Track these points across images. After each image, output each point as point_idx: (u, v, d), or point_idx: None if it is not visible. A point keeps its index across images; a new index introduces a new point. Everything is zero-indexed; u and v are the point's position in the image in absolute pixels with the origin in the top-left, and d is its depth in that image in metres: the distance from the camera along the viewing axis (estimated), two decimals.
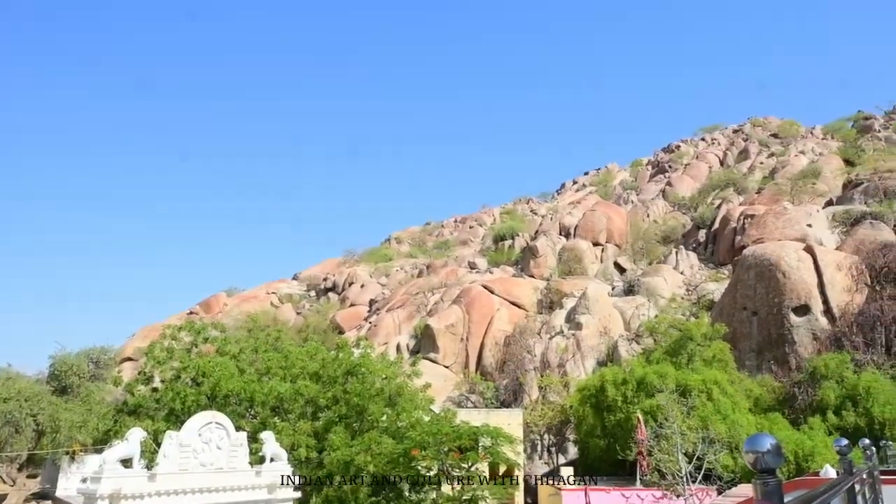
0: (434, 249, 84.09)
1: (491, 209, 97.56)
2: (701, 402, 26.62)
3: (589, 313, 44.15)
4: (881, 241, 39.30)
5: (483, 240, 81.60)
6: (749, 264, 38.27)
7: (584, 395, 30.84)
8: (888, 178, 54.66)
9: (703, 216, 64.48)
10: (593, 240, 64.30)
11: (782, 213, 49.97)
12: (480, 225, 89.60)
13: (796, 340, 33.82)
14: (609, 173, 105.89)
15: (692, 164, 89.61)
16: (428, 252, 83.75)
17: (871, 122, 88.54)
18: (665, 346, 34.13)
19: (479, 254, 74.10)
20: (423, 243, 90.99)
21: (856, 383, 26.75)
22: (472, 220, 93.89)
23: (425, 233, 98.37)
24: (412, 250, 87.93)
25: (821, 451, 23.57)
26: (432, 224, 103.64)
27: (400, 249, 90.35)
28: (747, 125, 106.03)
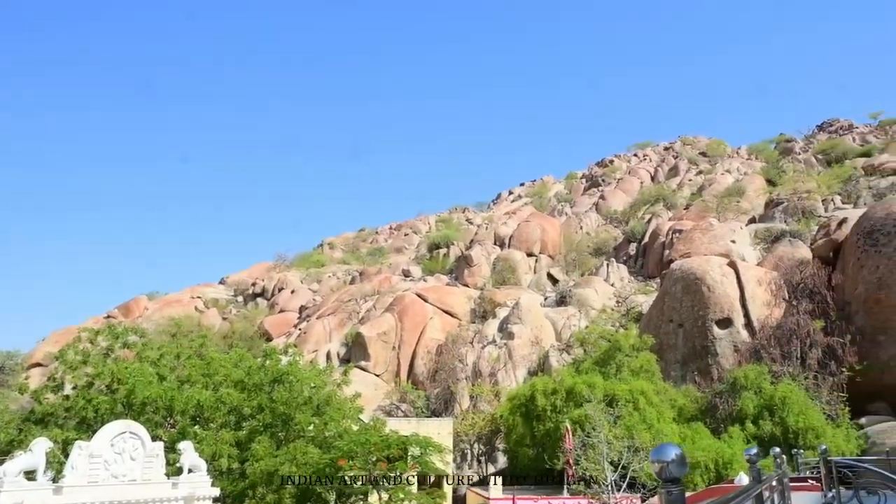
0: (368, 256, 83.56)
1: (427, 217, 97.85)
2: (627, 412, 27.44)
3: (521, 323, 44.83)
4: (798, 258, 41.63)
5: (418, 248, 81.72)
6: (676, 278, 39.77)
7: (514, 405, 31.24)
8: (806, 198, 58.10)
9: (634, 230, 66.67)
10: (527, 250, 65.41)
11: (708, 228, 52.23)
12: (416, 233, 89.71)
13: (719, 352, 35.36)
14: (544, 185, 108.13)
15: (625, 178, 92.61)
16: (362, 259, 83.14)
17: (792, 144, 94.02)
18: (594, 357, 35.01)
19: (413, 262, 74.13)
20: (357, 249, 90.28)
21: (773, 394, 28.18)
22: (407, 227, 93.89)
23: (359, 239, 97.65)
24: (345, 256, 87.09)
25: (739, 459, 24.67)
26: (367, 230, 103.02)
27: (333, 255, 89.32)
28: (678, 143, 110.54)
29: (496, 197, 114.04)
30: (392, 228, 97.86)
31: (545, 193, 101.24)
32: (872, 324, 32.66)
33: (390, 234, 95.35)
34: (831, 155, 79.23)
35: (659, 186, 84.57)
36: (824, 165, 76.88)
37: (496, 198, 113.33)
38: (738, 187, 70.48)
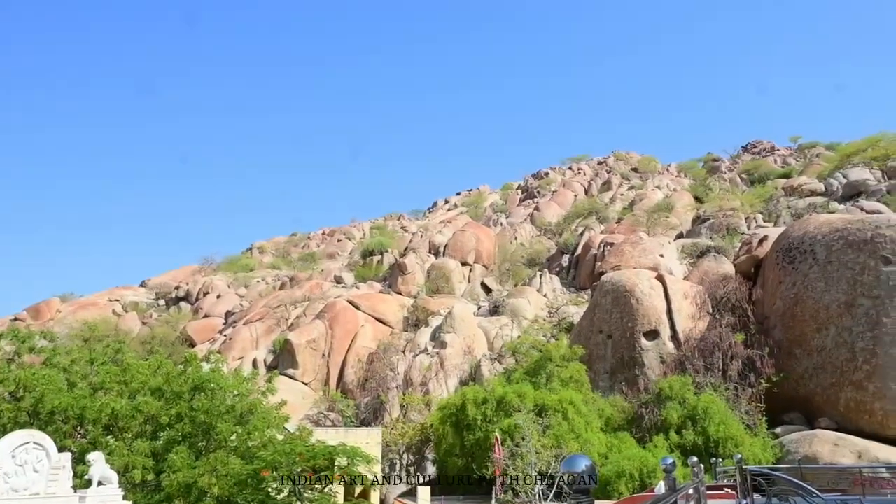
0: (299, 261, 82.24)
1: (361, 223, 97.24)
2: (557, 422, 27.92)
3: (454, 332, 45.02)
4: (722, 273, 43.50)
5: (351, 254, 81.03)
6: (607, 290, 40.84)
7: (444, 414, 31.28)
8: (731, 215, 60.92)
9: (567, 242, 68.18)
10: (462, 259, 65.87)
11: (638, 242, 53.96)
12: (349, 239, 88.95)
13: (646, 363, 36.49)
14: (481, 195, 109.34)
15: (559, 191, 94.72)
16: (292, 264, 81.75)
17: (719, 163, 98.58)
18: (526, 367, 35.50)
19: (346, 268, 73.41)
20: (288, 254, 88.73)
21: (696, 404, 29.26)
22: (340, 233, 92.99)
23: (291, 244, 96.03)
24: (275, 261, 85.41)
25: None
26: (299, 235, 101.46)
27: (263, 260, 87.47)
28: (611, 158, 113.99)
29: (432, 205, 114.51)
30: (325, 234, 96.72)
31: (481, 203, 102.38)
32: (789, 337, 34.44)
33: (323, 239, 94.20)
34: (754, 175, 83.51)
35: (592, 200, 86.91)
36: (748, 185, 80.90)
37: (432, 206, 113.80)
38: (667, 203, 73.20)
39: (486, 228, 76.78)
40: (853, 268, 32.63)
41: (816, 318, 33.25)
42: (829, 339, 32.22)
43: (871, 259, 32.14)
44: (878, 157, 66.48)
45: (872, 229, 33.14)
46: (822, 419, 30.97)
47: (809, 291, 34.16)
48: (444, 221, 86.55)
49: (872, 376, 29.76)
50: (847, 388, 30.56)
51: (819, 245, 34.92)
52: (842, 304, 32.30)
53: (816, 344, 32.77)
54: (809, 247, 35.52)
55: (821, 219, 39.24)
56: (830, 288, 33.14)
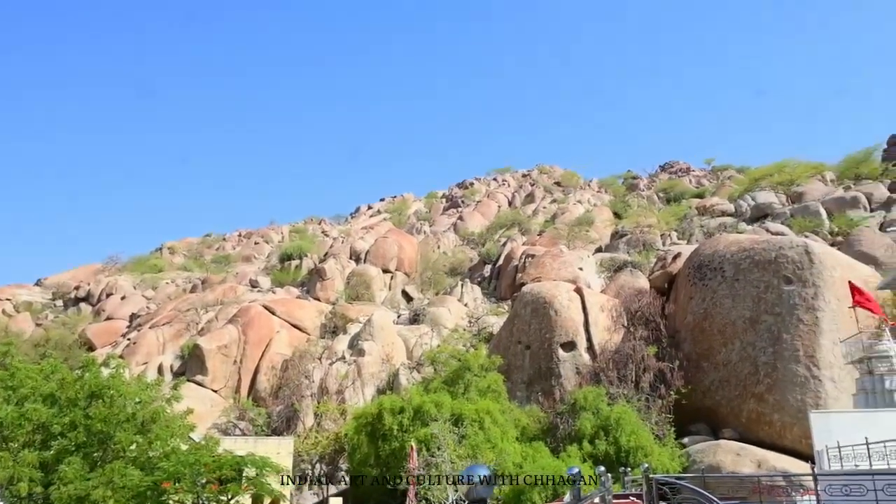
0: (213, 264, 79.63)
1: (280, 226, 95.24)
2: (473, 431, 28.15)
3: (373, 340, 44.71)
4: (637, 287, 45.21)
5: (268, 257, 79.16)
6: (526, 301, 41.65)
7: (360, 423, 30.96)
8: (647, 232, 63.45)
9: (490, 252, 69.13)
10: (383, 266, 65.60)
11: (559, 255, 55.36)
12: (267, 242, 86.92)
13: (562, 374, 37.40)
14: (405, 202, 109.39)
15: (483, 201, 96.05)
16: (205, 266, 79.05)
17: (638, 181, 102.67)
18: (444, 376, 35.66)
19: (262, 272, 71.61)
20: (201, 256, 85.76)
21: (608, 414, 30.18)
22: (258, 235, 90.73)
23: (204, 245, 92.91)
24: (187, 263, 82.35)
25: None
26: (213, 236, 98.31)
27: (173, 260, 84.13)
28: (535, 171, 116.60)
29: (355, 211, 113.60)
30: (241, 236, 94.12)
31: (405, 211, 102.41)
32: (697, 351, 36.14)
33: (239, 241, 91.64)
34: (671, 194, 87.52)
35: (515, 211, 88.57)
36: (664, 203, 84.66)
37: (355, 211, 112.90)
38: (587, 217, 75.54)
39: (409, 236, 76.83)
40: (758, 286, 34.63)
41: (723, 332, 35.06)
42: (735, 354, 34.02)
43: (774, 278, 34.20)
44: (783, 182, 71.14)
45: (776, 250, 35.30)
46: (725, 430, 32.60)
47: (717, 307, 36.00)
48: (366, 227, 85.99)
49: (773, 389, 31.59)
50: (749, 400, 32.31)
51: (728, 263, 36.87)
52: (747, 319, 34.19)
53: (723, 357, 34.53)
54: (719, 265, 37.45)
55: (730, 238, 41.48)
56: (737, 304, 35.04)
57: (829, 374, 30.74)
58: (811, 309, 32.50)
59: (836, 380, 30.49)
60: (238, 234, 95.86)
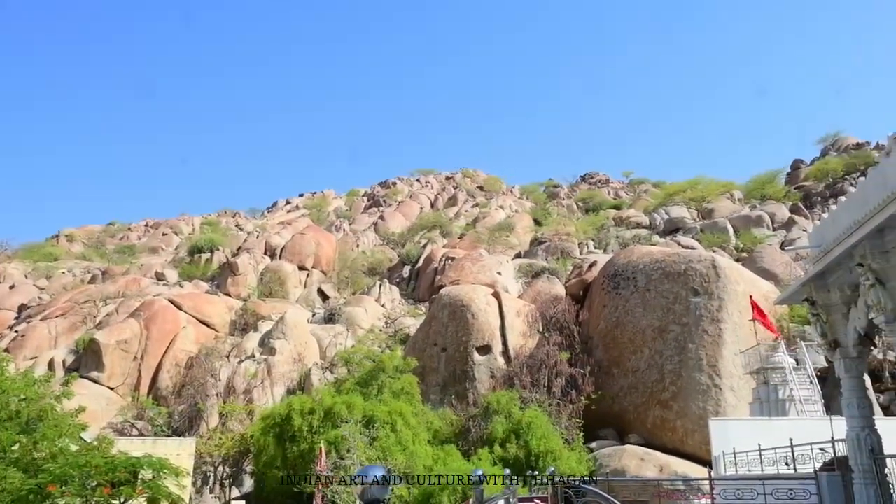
0: (115, 254, 75.88)
1: (190, 217, 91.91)
2: (385, 434, 28.02)
3: (285, 339, 43.77)
4: (554, 294, 46.33)
5: (177, 250, 76.21)
6: (444, 303, 41.90)
7: (267, 424, 30.23)
8: (566, 240, 65.14)
9: (410, 253, 69.11)
10: (300, 263, 64.40)
11: (478, 259, 56.01)
12: (176, 233, 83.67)
13: (477, 377, 37.82)
14: (325, 198, 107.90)
15: (406, 202, 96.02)
16: (107, 256, 75.24)
17: (559, 190, 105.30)
18: (357, 377, 35.35)
19: (169, 265, 68.81)
20: (103, 245, 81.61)
21: (520, 418, 30.74)
22: (166, 226, 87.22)
23: (107, 234, 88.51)
24: (87, 252, 78.14)
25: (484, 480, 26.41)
26: (117, 225, 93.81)
27: (71, 249, 79.65)
28: (459, 174, 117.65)
29: (272, 205, 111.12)
30: (148, 226, 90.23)
31: (325, 207, 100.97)
32: (608, 358, 37.39)
33: (146, 231, 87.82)
34: (590, 203, 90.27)
35: (437, 214, 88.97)
36: (583, 212, 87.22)
37: (272, 205, 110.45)
38: (508, 223, 76.81)
39: (328, 233, 75.78)
40: (667, 296, 36.21)
41: (633, 340, 36.43)
42: (643, 361, 35.40)
43: (682, 290, 35.85)
44: (695, 198, 74.86)
45: (686, 263, 37.04)
46: (632, 435, 33.85)
47: (629, 316, 37.37)
48: (283, 223, 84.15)
49: (677, 397, 33.07)
50: (655, 407, 33.70)
51: (640, 274, 38.37)
52: (656, 329, 35.67)
53: (632, 365, 35.87)
54: (632, 274, 38.91)
55: (643, 250, 43.18)
56: (647, 314, 36.50)
57: (730, 384, 32.46)
58: (715, 321, 34.26)
59: (735, 389, 32.23)
60: (145, 223, 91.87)
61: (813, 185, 73.11)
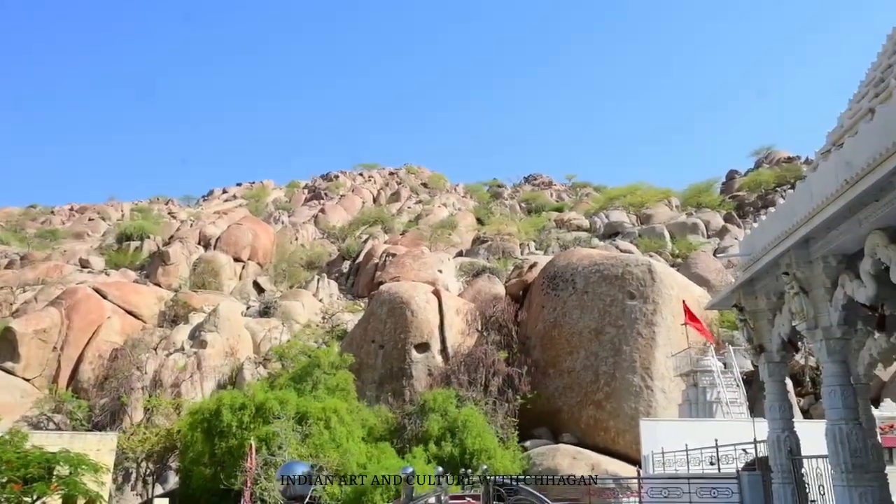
0: (36, 238, 72.55)
1: (120, 203, 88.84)
2: (318, 430, 27.78)
3: (217, 331, 42.80)
4: (494, 293, 46.81)
5: (104, 236, 73.46)
6: (384, 299, 41.81)
7: (196, 419, 29.51)
8: (507, 240, 65.87)
9: (350, 248, 68.61)
10: (235, 255, 63.08)
11: (420, 256, 56.07)
12: (104, 219, 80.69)
13: (414, 375, 37.91)
14: (264, 189, 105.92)
15: (348, 196, 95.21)
16: (27, 240, 71.86)
17: (502, 190, 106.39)
18: (292, 372, 34.91)
19: (95, 251, 66.27)
20: (22, 229, 77.91)
21: (456, 416, 30.98)
22: (93, 211, 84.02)
23: (27, 217, 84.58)
24: (3, 235, 74.43)
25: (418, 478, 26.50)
26: (39, 208, 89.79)
27: None
28: (403, 170, 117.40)
29: (208, 193, 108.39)
30: (73, 210, 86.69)
31: (263, 198, 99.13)
32: (545, 358, 38.06)
33: (70, 216, 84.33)
34: (532, 205, 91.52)
35: (380, 209, 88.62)
36: (526, 213, 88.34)
37: (208, 194, 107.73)
38: (451, 221, 77.17)
39: (266, 225, 74.45)
40: (605, 299, 37.12)
41: (570, 341, 37.21)
42: (579, 362, 36.20)
43: (619, 293, 36.82)
44: (635, 204, 76.91)
45: (623, 266, 38.04)
46: (565, 434, 34.59)
47: (567, 317, 38.15)
48: (219, 212, 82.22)
49: (610, 397, 33.96)
50: (589, 407, 34.52)
51: (579, 276, 39.21)
52: (592, 330, 36.53)
53: (568, 365, 36.63)
54: (571, 276, 39.72)
55: (583, 252, 44.13)
56: (584, 315, 37.33)
57: (661, 385, 33.55)
58: (650, 324, 35.33)
59: (666, 391, 33.33)
60: (70, 207, 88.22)
61: (746, 195, 76.13)
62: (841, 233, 11.25)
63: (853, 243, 11.21)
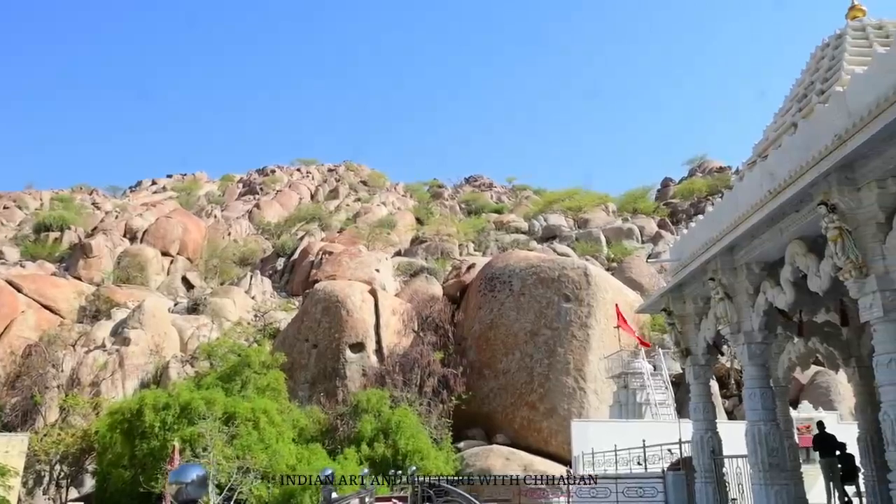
0: None
1: (39, 192, 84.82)
2: (246, 431, 27.27)
3: (141, 328, 41.40)
4: (431, 293, 46.95)
5: (20, 226, 69.96)
6: (319, 298, 41.36)
7: (115, 420, 28.48)
8: (447, 240, 66.18)
9: (285, 245, 67.52)
10: (163, 249, 61.13)
11: (357, 254, 55.69)
12: (20, 207, 76.85)
13: (348, 375, 37.65)
14: (196, 182, 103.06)
15: (284, 191, 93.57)
16: None
17: (443, 190, 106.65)
18: (220, 371, 34.13)
19: (10, 242, 63.06)
20: None
21: (390, 417, 30.95)
22: (8, 198, 79.90)
23: None
24: None
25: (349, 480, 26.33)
26: None
27: None
28: (342, 167, 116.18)
29: (136, 184, 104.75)
30: None
31: (195, 191, 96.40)
32: (481, 358, 38.43)
33: None
34: (472, 206, 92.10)
35: (317, 206, 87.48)
36: (465, 214, 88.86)
37: (136, 185, 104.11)
38: (390, 220, 76.90)
39: (197, 219, 72.43)
40: (541, 301, 37.77)
41: (506, 343, 37.69)
42: (514, 363, 36.70)
43: (555, 295, 37.53)
44: (572, 208, 78.53)
45: (560, 269, 38.80)
46: (499, 435, 35.02)
47: (503, 318, 38.62)
48: (147, 204, 79.48)
49: (544, 398, 34.58)
50: (523, 408, 35.05)
51: (516, 278, 39.75)
52: (528, 332, 37.10)
53: (503, 366, 37.08)
54: (508, 278, 40.22)
55: (521, 254, 44.77)
56: (521, 317, 37.88)
57: (593, 387, 34.38)
58: (584, 326, 36.16)
59: (598, 392, 34.17)
60: None
61: (680, 202, 78.73)
62: (763, 241, 11.81)
63: (775, 252, 11.78)
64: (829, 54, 13.04)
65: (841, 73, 11.69)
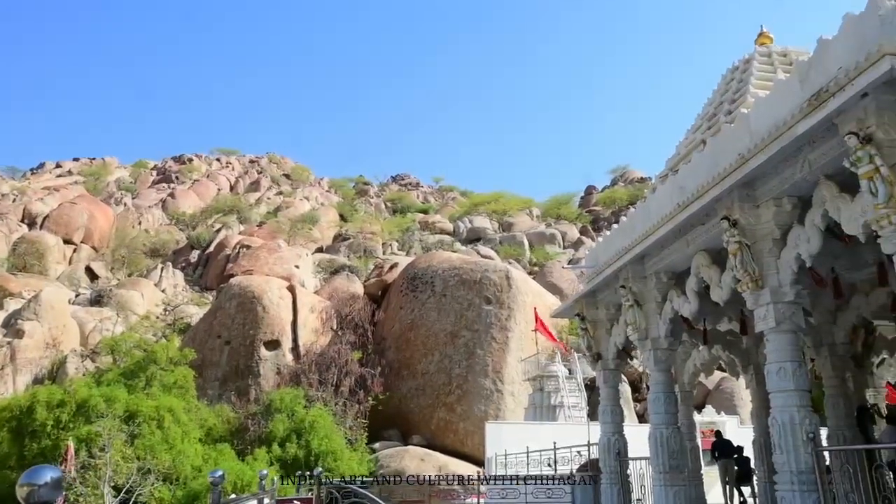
0: None
1: None
2: (149, 431, 26.32)
3: (38, 320, 39.33)
4: (352, 292, 46.65)
5: None
6: (233, 293, 40.42)
7: (3, 417, 26.82)
8: (370, 238, 65.93)
9: (201, 237, 65.69)
10: (66, 236, 58.28)
11: (276, 250, 54.73)
12: None
13: (261, 373, 36.95)
14: (106, 167, 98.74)
15: (202, 181, 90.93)
16: None
17: (368, 188, 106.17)
18: (124, 368, 32.80)
19: None
20: None
21: (304, 417, 30.51)
22: None
23: None
24: None
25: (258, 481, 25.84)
26: None
27: None
28: (265, 159, 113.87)
29: (38, 166, 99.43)
30: None
31: (104, 176, 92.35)
32: (400, 359, 38.49)
33: None
34: (398, 205, 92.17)
35: (236, 198, 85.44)
36: (391, 213, 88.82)
37: (38, 167, 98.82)
38: (312, 216, 75.95)
39: (105, 206, 69.41)
40: (462, 303, 38.17)
41: (426, 343, 37.87)
42: (433, 364, 36.94)
43: (476, 297, 38.01)
44: (498, 211, 79.75)
45: (482, 272, 39.34)
46: (415, 436, 35.16)
47: (424, 319, 38.80)
48: (49, 188, 75.55)
49: (462, 400, 34.97)
50: (440, 409, 35.33)
51: (438, 279, 40.02)
52: (448, 333, 37.42)
53: (422, 367, 37.26)
54: (430, 279, 40.45)
55: (444, 255, 45.11)
56: (441, 318, 38.16)
57: (511, 389, 35.02)
58: (504, 329, 36.79)
59: (515, 394, 34.83)
60: None
61: (602, 210, 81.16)
62: (672, 252, 12.41)
63: (682, 262, 12.40)
64: (738, 77, 13.84)
65: (747, 96, 12.42)
